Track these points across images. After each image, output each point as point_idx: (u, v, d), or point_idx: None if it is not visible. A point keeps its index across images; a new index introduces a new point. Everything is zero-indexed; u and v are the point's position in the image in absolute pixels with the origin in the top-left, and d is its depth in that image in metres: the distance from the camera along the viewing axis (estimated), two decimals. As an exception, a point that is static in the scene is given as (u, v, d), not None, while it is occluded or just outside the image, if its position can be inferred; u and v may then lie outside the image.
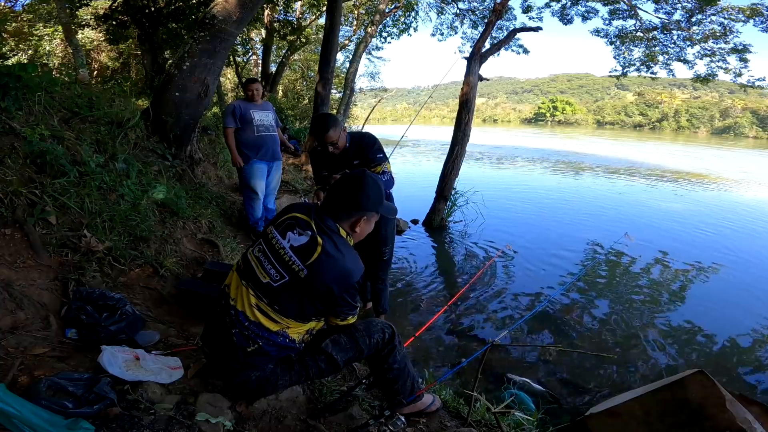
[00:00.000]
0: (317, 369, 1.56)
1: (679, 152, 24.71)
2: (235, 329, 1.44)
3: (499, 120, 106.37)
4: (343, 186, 1.52)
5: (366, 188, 1.49)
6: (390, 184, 2.65)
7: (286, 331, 1.46)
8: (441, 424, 1.84)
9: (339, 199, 1.49)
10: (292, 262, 1.41)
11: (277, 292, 1.42)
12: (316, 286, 1.40)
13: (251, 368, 1.47)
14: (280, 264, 1.43)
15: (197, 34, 3.97)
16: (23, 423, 1.16)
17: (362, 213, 1.50)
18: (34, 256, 2.15)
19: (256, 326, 1.43)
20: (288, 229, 1.46)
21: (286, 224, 1.48)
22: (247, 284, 1.46)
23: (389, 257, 2.86)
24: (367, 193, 1.49)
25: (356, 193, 1.48)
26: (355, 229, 1.52)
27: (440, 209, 6.28)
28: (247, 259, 1.51)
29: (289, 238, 1.44)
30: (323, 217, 1.47)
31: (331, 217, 1.48)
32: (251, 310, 1.43)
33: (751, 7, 7.49)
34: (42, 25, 11.24)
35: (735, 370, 3.13)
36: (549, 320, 3.69)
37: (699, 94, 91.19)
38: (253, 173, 3.89)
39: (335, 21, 6.91)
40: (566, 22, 9.46)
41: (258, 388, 1.52)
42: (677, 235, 6.60)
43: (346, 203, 1.48)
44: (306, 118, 13.11)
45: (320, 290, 1.41)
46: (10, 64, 4.70)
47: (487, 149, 20.19)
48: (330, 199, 1.51)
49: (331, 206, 1.50)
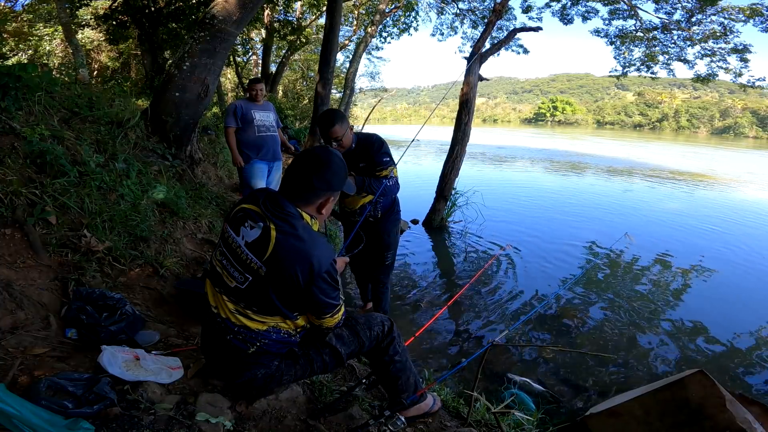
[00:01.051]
0: (322, 363, 1.55)
1: (680, 152, 24.70)
2: (229, 335, 1.40)
3: (499, 120, 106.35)
4: (306, 165, 1.37)
5: (333, 166, 1.38)
6: (395, 189, 2.61)
7: (279, 326, 1.42)
8: (441, 424, 1.84)
9: (303, 180, 1.35)
10: (250, 260, 1.31)
11: (248, 295, 1.35)
12: (279, 280, 1.30)
13: (257, 366, 1.45)
14: (240, 264, 1.34)
15: (197, 34, 3.97)
16: (23, 423, 1.16)
17: (330, 193, 1.40)
18: (34, 256, 2.15)
19: (245, 329, 1.39)
20: (239, 223, 1.35)
21: (237, 218, 1.37)
22: (220, 291, 1.41)
23: (391, 262, 2.86)
24: (335, 171, 1.38)
25: (323, 173, 1.36)
26: (322, 211, 1.42)
27: (440, 209, 6.29)
28: (213, 265, 1.45)
29: (242, 234, 1.33)
30: (281, 203, 1.34)
31: (293, 200, 1.36)
32: (233, 315, 1.39)
33: (751, 7, 7.49)
34: (42, 25, 11.24)
35: (735, 370, 3.13)
36: (549, 320, 3.69)
37: (699, 94, 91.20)
38: (253, 173, 3.90)
39: (335, 21, 6.92)
40: (566, 22, 9.47)
41: (264, 385, 1.51)
42: (678, 235, 6.60)
43: (313, 184, 1.35)
44: (306, 118, 13.11)
45: (286, 284, 1.30)
46: (10, 64, 4.70)
47: (487, 149, 20.18)
48: (291, 181, 1.37)
49: (292, 189, 1.37)
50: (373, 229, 2.69)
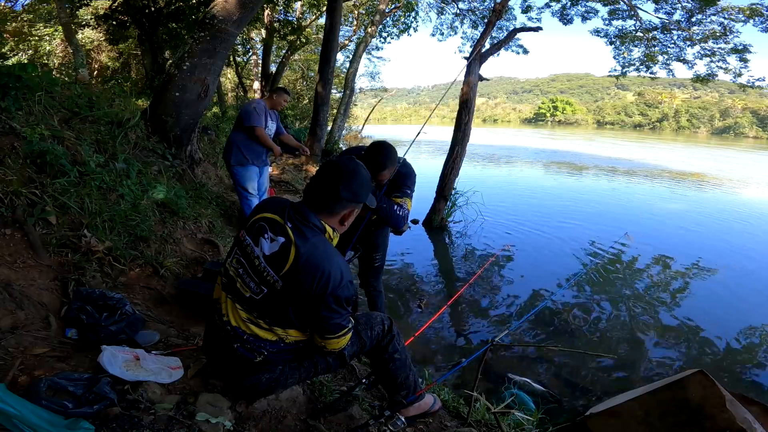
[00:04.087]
0: (325, 364, 1.55)
1: (680, 153, 24.70)
2: (236, 344, 1.38)
3: (499, 120, 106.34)
4: (333, 175, 1.34)
5: (360, 177, 1.35)
6: (404, 222, 2.47)
7: (290, 337, 1.41)
8: (441, 424, 1.84)
9: (329, 190, 1.32)
10: (267, 273, 1.30)
11: (263, 306, 1.34)
12: (294, 296, 1.29)
13: (261, 372, 1.44)
14: (257, 276, 1.32)
15: (197, 34, 3.97)
16: (23, 423, 1.16)
17: (355, 204, 1.38)
18: (34, 256, 2.15)
19: (255, 338, 1.37)
20: (259, 233, 1.33)
21: (257, 227, 1.35)
22: (233, 299, 1.39)
23: (381, 264, 2.78)
24: (361, 183, 1.36)
25: (351, 184, 1.33)
26: (344, 223, 1.40)
27: (440, 209, 6.29)
28: (228, 272, 1.42)
29: (261, 245, 1.31)
30: (306, 214, 1.32)
31: (317, 211, 1.33)
32: (244, 324, 1.37)
33: (751, 7, 7.49)
34: (42, 25, 11.24)
35: (735, 370, 3.13)
36: (549, 320, 3.69)
37: (699, 94, 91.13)
38: (250, 176, 3.87)
39: (335, 21, 6.92)
40: (566, 22, 9.47)
41: (268, 389, 1.51)
42: (678, 234, 6.61)
43: (340, 196, 1.32)
44: (306, 118, 13.12)
45: (301, 300, 1.29)
46: (10, 64, 4.70)
47: (487, 149, 20.17)
48: (316, 191, 1.34)
49: (317, 199, 1.33)
50: (363, 229, 2.63)
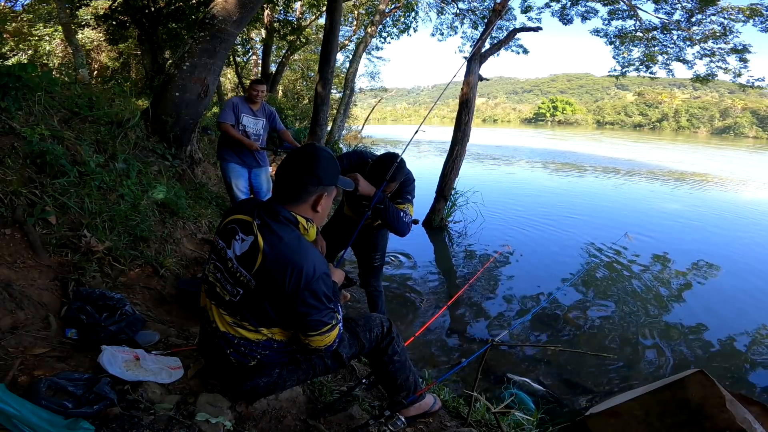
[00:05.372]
0: (324, 366, 1.55)
1: (681, 152, 24.70)
2: (229, 350, 1.39)
3: (499, 120, 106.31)
4: (294, 163, 1.35)
5: (321, 161, 1.35)
6: (409, 228, 2.47)
7: (277, 337, 1.41)
8: (441, 424, 1.84)
9: (292, 179, 1.33)
10: (240, 273, 1.31)
11: (242, 307, 1.34)
12: (269, 293, 1.29)
13: (258, 376, 1.45)
14: (231, 278, 1.33)
15: (197, 34, 3.97)
16: (23, 423, 1.16)
17: (323, 188, 1.37)
18: (34, 256, 2.15)
19: (245, 341, 1.38)
20: (231, 236, 1.35)
21: (229, 230, 1.37)
22: (217, 304, 1.40)
23: (380, 264, 2.79)
24: (324, 166, 1.35)
25: (312, 168, 1.33)
26: (317, 209, 1.38)
27: (440, 209, 6.29)
28: (208, 278, 1.44)
29: (233, 247, 1.33)
30: (275, 208, 1.32)
31: (286, 204, 1.34)
32: (232, 328, 1.37)
33: (751, 7, 7.48)
34: (42, 25, 11.23)
35: (735, 370, 3.13)
36: (549, 320, 3.69)
37: (699, 94, 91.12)
38: (233, 172, 3.74)
39: (335, 21, 6.91)
40: (566, 22, 9.45)
41: (267, 392, 1.52)
42: (677, 235, 6.61)
43: (303, 181, 1.32)
44: (306, 118, 13.10)
45: (277, 297, 1.29)
46: (10, 64, 4.70)
47: (487, 149, 20.17)
48: (281, 182, 1.35)
49: (283, 190, 1.35)
50: (361, 229, 2.63)
